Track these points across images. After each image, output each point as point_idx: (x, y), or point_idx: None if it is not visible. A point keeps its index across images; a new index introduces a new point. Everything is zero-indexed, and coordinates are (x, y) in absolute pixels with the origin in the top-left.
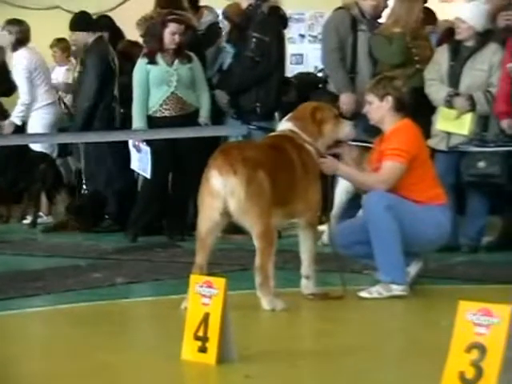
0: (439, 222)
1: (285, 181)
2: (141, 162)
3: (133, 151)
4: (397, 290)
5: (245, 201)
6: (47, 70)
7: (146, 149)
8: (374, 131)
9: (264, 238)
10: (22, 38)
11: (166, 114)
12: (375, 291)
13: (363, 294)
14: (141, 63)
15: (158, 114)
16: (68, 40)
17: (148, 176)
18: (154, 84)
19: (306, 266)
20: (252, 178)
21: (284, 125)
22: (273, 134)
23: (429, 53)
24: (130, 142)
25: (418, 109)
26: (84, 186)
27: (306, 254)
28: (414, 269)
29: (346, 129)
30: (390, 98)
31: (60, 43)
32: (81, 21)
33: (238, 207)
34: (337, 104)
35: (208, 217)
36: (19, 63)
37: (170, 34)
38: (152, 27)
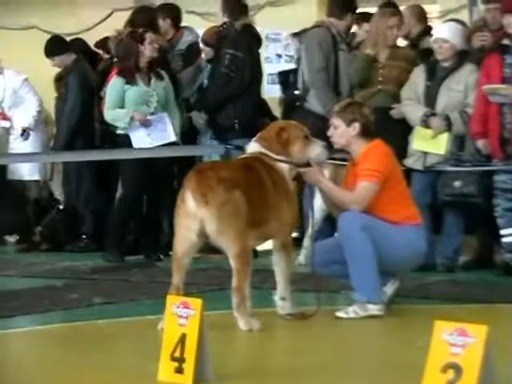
0: (413, 242)
1: (257, 200)
2: (154, 133)
3: (134, 131)
4: (373, 309)
5: (220, 224)
6: None
7: (162, 115)
8: None
9: (240, 259)
10: None
11: None
12: (352, 311)
13: (340, 314)
14: (116, 82)
15: None
16: None
17: (174, 139)
18: (132, 104)
19: (281, 288)
20: (227, 199)
21: (252, 146)
22: (242, 156)
23: (395, 73)
24: (136, 117)
25: (386, 128)
26: (60, 206)
27: (281, 275)
28: (390, 288)
29: (317, 149)
30: (357, 125)
31: None
32: (55, 45)
33: (214, 229)
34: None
35: (184, 238)
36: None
37: (150, 44)
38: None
